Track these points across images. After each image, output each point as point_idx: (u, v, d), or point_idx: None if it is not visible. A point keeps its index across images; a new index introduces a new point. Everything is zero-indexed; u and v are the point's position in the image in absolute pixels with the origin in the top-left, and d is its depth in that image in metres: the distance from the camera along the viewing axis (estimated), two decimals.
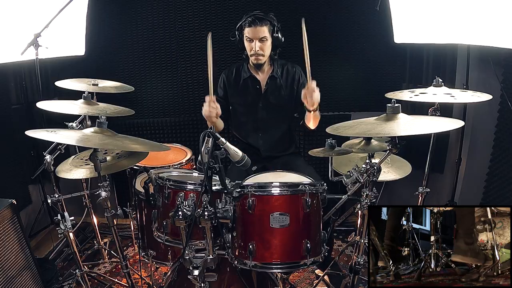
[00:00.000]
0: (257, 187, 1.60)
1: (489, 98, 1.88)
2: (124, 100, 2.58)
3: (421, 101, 1.91)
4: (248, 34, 2.34)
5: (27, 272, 2.12)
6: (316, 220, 1.66)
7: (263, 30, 2.32)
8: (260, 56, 2.37)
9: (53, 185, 2.24)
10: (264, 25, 2.32)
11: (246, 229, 1.61)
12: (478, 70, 2.50)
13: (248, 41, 2.36)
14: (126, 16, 3.05)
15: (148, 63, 3.13)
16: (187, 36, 3.06)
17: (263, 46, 2.35)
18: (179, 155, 2.53)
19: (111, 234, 1.91)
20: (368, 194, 1.69)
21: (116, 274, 2.68)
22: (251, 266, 1.59)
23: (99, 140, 1.62)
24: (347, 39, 2.98)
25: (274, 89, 2.49)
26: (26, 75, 2.87)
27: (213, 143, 1.51)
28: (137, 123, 3.21)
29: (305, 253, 1.58)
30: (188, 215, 1.47)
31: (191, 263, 1.53)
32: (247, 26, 2.33)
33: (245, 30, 2.35)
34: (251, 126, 2.55)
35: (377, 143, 1.93)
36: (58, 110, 1.96)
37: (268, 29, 2.33)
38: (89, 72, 2.65)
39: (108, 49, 3.09)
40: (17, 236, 2.07)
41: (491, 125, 2.42)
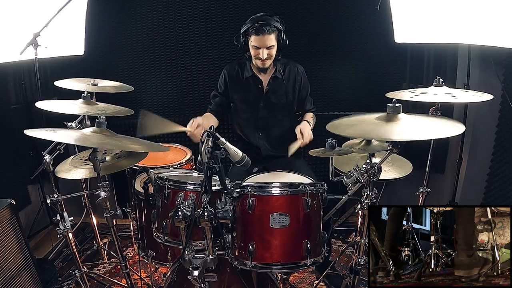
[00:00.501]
0: (257, 187, 1.60)
1: (490, 98, 1.88)
2: (124, 100, 2.57)
3: (422, 101, 1.91)
4: (255, 43, 2.30)
5: (26, 273, 2.12)
6: (316, 220, 1.66)
7: (271, 38, 2.29)
8: (266, 61, 2.36)
9: (53, 185, 2.25)
10: (272, 33, 2.28)
11: (246, 230, 1.62)
12: (479, 70, 2.50)
13: (254, 48, 2.33)
14: (126, 15, 3.05)
15: (147, 62, 3.13)
16: (186, 35, 3.06)
17: (270, 52, 2.33)
18: (179, 155, 2.53)
19: (111, 235, 1.91)
20: (369, 194, 1.69)
21: (115, 275, 2.67)
22: (251, 266, 1.59)
23: (98, 140, 1.62)
24: (348, 39, 2.98)
25: (276, 89, 2.50)
26: (25, 74, 2.87)
27: (213, 143, 1.52)
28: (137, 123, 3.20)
29: (305, 254, 1.58)
30: (187, 215, 1.47)
31: (190, 264, 1.53)
32: (254, 34, 2.28)
33: (251, 37, 2.31)
34: (252, 124, 2.56)
35: (377, 143, 1.93)
36: (57, 110, 1.96)
37: (275, 36, 2.30)
38: (88, 71, 2.65)
39: (107, 49, 3.09)
40: (16, 237, 2.07)
41: (492, 125, 2.42)
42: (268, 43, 2.29)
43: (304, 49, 2.97)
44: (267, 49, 2.31)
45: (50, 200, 2.20)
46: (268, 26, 2.26)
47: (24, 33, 2.36)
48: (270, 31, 2.27)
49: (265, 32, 2.26)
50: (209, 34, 3.04)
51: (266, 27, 2.26)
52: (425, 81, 2.82)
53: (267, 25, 2.26)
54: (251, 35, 2.30)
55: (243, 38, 2.37)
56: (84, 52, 2.92)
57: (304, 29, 2.93)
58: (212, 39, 3.05)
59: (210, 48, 3.07)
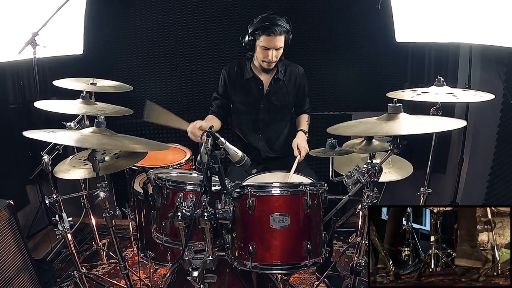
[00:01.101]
0: (257, 187, 1.60)
1: (492, 97, 1.88)
2: (123, 99, 2.58)
3: (423, 100, 1.91)
4: (264, 43, 2.25)
5: (25, 274, 2.12)
6: (317, 220, 1.66)
7: (281, 39, 2.26)
8: (273, 63, 2.35)
9: (51, 185, 2.25)
10: (282, 34, 2.24)
11: (246, 230, 1.61)
12: (481, 70, 2.50)
13: (263, 49, 2.28)
14: (125, 14, 3.04)
15: (147, 62, 3.13)
16: (186, 34, 3.06)
17: (277, 54, 2.30)
18: (178, 155, 2.53)
19: (110, 235, 1.91)
20: (369, 195, 1.69)
21: (114, 276, 2.68)
22: (251, 267, 1.59)
23: (97, 140, 1.62)
24: (348, 38, 2.98)
25: (277, 90, 2.48)
26: (24, 74, 2.87)
27: (212, 143, 1.52)
28: (136, 123, 3.21)
29: (306, 254, 1.58)
30: (187, 215, 1.48)
31: (190, 264, 1.53)
32: (265, 35, 2.23)
33: (261, 37, 2.25)
34: (251, 126, 2.56)
35: (378, 143, 1.93)
36: (56, 110, 1.96)
37: (284, 38, 2.27)
38: (87, 71, 2.65)
39: (106, 48, 3.09)
40: (14, 237, 2.07)
41: (494, 125, 2.42)
42: (278, 44, 2.26)
43: (304, 48, 2.96)
44: (276, 51, 2.28)
45: (49, 200, 2.20)
46: (279, 26, 2.22)
47: (22, 32, 2.36)
48: (281, 31, 2.23)
49: (276, 33, 2.21)
50: (208, 34, 3.04)
51: (277, 28, 2.21)
52: (426, 81, 2.82)
53: (278, 25, 2.22)
54: (261, 35, 2.24)
55: (250, 37, 2.31)
56: (83, 51, 2.92)
57: (304, 28, 2.93)
58: (212, 38, 3.05)
59: (210, 47, 3.07)
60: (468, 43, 2.42)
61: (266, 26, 2.22)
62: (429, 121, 1.65)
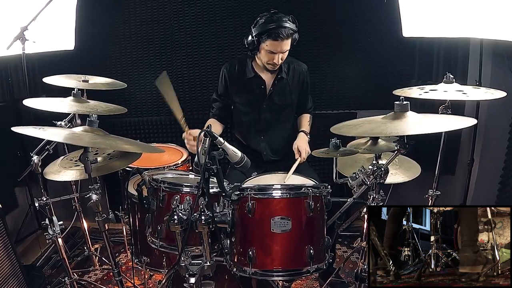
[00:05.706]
0: (257, 189, 1.60)
1: (503, 95, 1.88)
2: (116, 97, 2.58)
3: (431, 98, 1.92)
4: (271, 48, 2.22)
5: (13, 280, 2.12)
6: (320, 224, 1.66)
7: (288, 43, 2.23)
8: (278, 65, 2.34)
9: (41, 187, 2.24)
10: (289, 37, 2.21)
11: (245, 234, 1.62)
12: (492, 66, 2.51)
13: (268, 53, 2.25)
14: (119, 8, 3.05)
15: (141, 58, 3.14)
16: (182, 30, 3.06)
17: (283, 56, 2.29)
18: (175, 155, 2.53)
19: (102, 240, 1.91)
20: (375, 197, 1.69)
21: (107, 282, 2.68)
22: (250, 273, 1.58)
23: (89, 140, 1.62)
24: (353, 33, 2.99)
25: (280, 89, 2.48)
26: (12, 70, 2.87)
27: (210, 143, 1.52)
28: (130, 121, 3.21)
29: (308, 260, 1.58)
30: (184, 219, 1.48)
31: (187, 270, 1.53)
32: (271, 39, 2.18)
33: (267, 41, 2.20)
34: (253, 127, 2.55)
35: (384, 143, 1.93)
36: (46, 108, 1.96)
37: (291, 40, 2.24)
38: (79, 68, 2.66)
39: (99, 44, 3.09)
40: (2, 242, 2.07)
41: (506, 124, 2.42)
42: (285, 48, 2.24)
43: (307, 44, 2.97)
44: (282, 54, 2.26)
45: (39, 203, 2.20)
46: (286, 29, 2.18)
47: (11, 27, 2.36)
48: (288, 35, 2.19)
49: (284, 37, 2.18)
50: (205, 30, 3.04)
51: (284, 31, 2.17)
52: (435, 78, 2.82)
53: (285, 28, 2.18)
54: (267, 39, 2.20)
55: (254, 39, 2.25)
56: (75, 47, 2.92)
57: (307, 23, 2.93)
58: (209, 34, 3.06)
59: (206, 44, 3.07)
60: (478, 38, 2.42)
61: (272, 30, 2.17)
62: (437, 120, 1.66)
